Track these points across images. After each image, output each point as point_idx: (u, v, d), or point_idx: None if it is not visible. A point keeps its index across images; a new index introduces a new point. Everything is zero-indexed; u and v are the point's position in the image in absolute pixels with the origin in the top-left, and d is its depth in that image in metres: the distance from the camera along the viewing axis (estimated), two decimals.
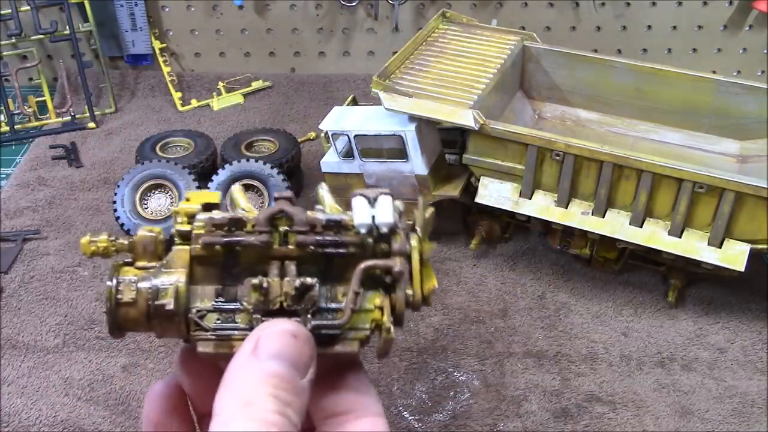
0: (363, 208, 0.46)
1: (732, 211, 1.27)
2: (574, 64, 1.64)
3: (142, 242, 0.47)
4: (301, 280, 0.45)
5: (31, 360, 1.33)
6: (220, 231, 0.46)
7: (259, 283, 0.45)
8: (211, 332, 0.46)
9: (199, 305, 0.47)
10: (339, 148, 1.52)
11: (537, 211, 1.43)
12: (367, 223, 0.46)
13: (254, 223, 0.46)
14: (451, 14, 1.72)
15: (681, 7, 2.19)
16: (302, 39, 2.21)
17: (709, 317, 1.45)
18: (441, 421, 1.24)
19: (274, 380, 0.43)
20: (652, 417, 1.25)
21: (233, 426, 0.41)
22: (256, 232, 0.46)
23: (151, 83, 2.15)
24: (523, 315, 1.45)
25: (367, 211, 0.46)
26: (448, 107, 1.40)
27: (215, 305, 0.47)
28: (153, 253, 0.47)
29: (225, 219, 0.46)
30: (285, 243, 0.47)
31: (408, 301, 0.48)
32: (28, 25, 1.93)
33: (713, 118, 1.57)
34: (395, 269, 0.46)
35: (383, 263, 0.46)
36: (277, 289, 0.45)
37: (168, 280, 0.46)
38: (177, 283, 0.46)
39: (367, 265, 0.46)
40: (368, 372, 0.57)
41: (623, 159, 1.32)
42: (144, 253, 0.47)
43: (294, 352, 0.44)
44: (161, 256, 0.48)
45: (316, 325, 0.46)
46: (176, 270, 0.46)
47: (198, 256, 0.47)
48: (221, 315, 0.47)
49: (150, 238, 0.47)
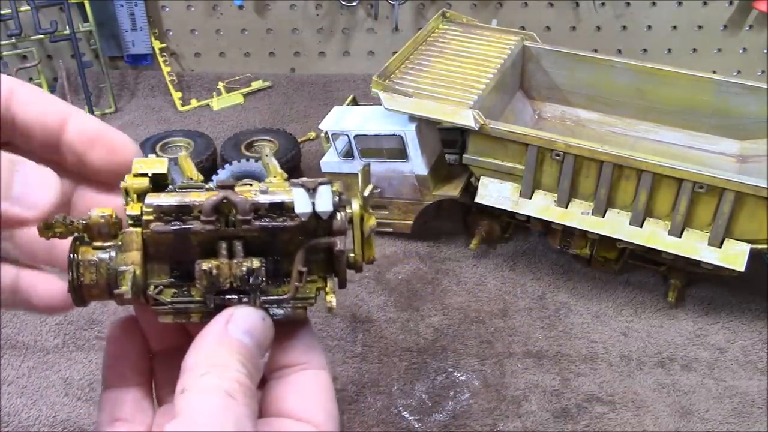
0: (303, 198, 0.49)
1: (732, 211, 1.27)
2: (574, 64, 1.64)
3: (96, 226, 0.50)
4: (247, 265, 0.49)
5: (31, 360, 1.33)
6: (168, 217, 0.49)
7: (209, 270, 0.49)
8: (168, 306, 0.50)
9: (156, 281, 0.50)
10: (339, 148, 1.52)
11: (537, 211, 1.43)
12: (308, 212, 0.49)
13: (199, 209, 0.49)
14: (451, 14, 1.72)
15: (681, 7, 2.19)
16: (302, 39, 2.21)
17: (709, 317, 1.45)
18: (441, 421, 1.24)
19: (242, 351, 0.47)
20: (652, 417, 1.25)
21: (205, 380, 0.45)
22: (204, 221, 0.49)
23: (151, 83, 2.15)
24: (523, 315, 1.45)
25: (308, 200, 0.49)
26: (448, 107, 1.40)
27: (171, 281, 0.50)
28: (108, 234, 0.50)
29: (172, 207, 0.49)
30: (232, 225, 0.50)
31: (350, 264, 0.52)
32: (28, 25, 1.93)
33: (713, 118, 1.57)
34: (336, 248, 0.50)
35: (325, 241, 0.50)
36: (226, 272, 0.49)
37: (124, 266, 0.49)
38: (133, 268, 0.49)
39: (310, 245, 0.50)
40: (368, 372, 0.57)
41: (623, 159, 1.32)
42: (99, 234, 0.50)
43: (261, 332, 0.49)
44: (116, 234, 0.51)
45: (265, 301, 0.50)
46: (131, 252, 0.50)
47: (151, 238, 0.50)
48: (177, 289, 0.50)
49: (104, 220, 0.50)
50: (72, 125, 0.53)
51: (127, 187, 0.50)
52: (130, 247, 0.50)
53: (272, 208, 0.49)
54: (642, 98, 1.62)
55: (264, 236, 0.50)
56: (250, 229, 0.49)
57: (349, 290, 1.48)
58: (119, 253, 0.50)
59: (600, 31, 2.23)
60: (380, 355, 1.35)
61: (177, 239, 0.50)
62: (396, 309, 1.45)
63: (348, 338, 1.39)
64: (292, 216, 0.49)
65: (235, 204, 0.49)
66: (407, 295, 1.49)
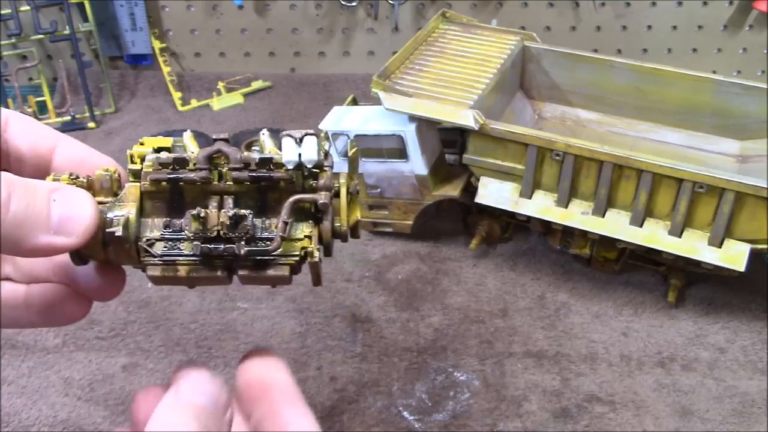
0: (290, 146, 0.52)
1: (732, 211, 1.27)
2: (574, 64, 1.64)
3: (99, 180, 0.53)
4: (235, 210, 0.51)
5: (31, 360, 1.33)
6: (165, 169, 0.52)
7: (198, 214, 0.51)
8: (158, 258, 0.52)
9: (148, 235, 0.52)
10: (339, 148, 1.52)
11: (537, 211, 1.43)
12: (294, 160, 0.52)
13: (195, 162, 0.52)
14: (451, 14, 1.72)
15: (681, 7, 2.19)
16: (302, 39, 2.21)
17: (709, 317, 1.45)
18: (441, 421, 1.24)
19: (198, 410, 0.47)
20: (652, 417, 1.25)
21: None
22: (197, 170, 0.52)
23: (151, 83, 2.15)
24: (523, 315, 1.45)
25: (295, 149, 0.52)
26: (448, 107, 1.40)
27: (163, 235, 0.52)
28: (109, 190, 0.53)
29: (170, 158, 0.52)
30: (223, 180, 0.53)
31: (335, 231, 0.54)
32: (28, 25, 1.93)
33: (713, 118, 1.57)
34: (320, 201, 0.52)
35: (310, 197, 0.52)
36: (214, 219, 0.51)
37: (120, 212, 0.52)
38: (128, 214, 0.52)
39: (296, 198, 0.52)
40: (368, 372, 0.57)
41: (623, 159, 1.32)
42: (101, 189, 0.53)
43: (214, 389, 0.49)
44: (116, 192, 0.53)
45: (250, 251, 0.52)
46: (128, 203, 0.52)
47: (147, 191, 0.52)
48: (168, 243, 0.52)
49: (107, 176, 0.53)
50: (60, 151, 0.55)
51: (132, 153, 0.54)
52: (128, 199, 0.52)
53: (262, 162, 0.52)
54: (642, 98, 1.62)
55: (253, 194, 0.53)
56: (239, 179, 0.52)
57: (349, 290, 1.48)
58: (117, 206, 0.52)
59: (600, 31, 2.23)
60: (380, 355, 1.36)
61: (171, 193, 0.52)
62: (396, 309, 1.45)
63: (348, 338, 1.39)
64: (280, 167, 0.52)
65: (227, 154, 0.52)
66: (407, 295, 1.49)
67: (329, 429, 1.22)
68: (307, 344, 1.37)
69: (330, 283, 1.49)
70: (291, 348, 1.36)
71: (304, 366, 1.33)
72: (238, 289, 1.46)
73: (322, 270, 0.54)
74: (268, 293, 1.46)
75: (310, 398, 1.27)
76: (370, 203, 1.57)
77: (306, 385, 1.29)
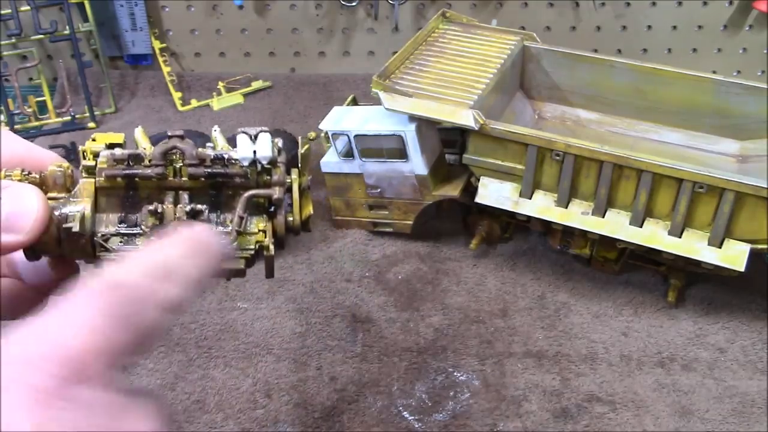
0: (245, 143, 0.53)
1: (732, 211, 1.27)
2: (574, 64, 1.64)
3: (52, 176, 0.53)
4: (192, 205, 0.52)
5: None
6: (120, 165, 0.52)
7: (155, 209, 0.52)
8: (114, 253, 0.53)
9: (103, 230, 0.53)
10: (339, 148, 1.52)
11: (537, 211, 1.43)
12: (249, 156, 0.53)
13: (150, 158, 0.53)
14: (451, 14, 1.72)
15: (681, 7, 2.19)
16: (302, 39, 2.21)
17: (709, 317, 1.45)
18: (441, 421, 1.24)
19: None
20: (652, 417, 1.25)
21: None
22: (153, 166, 0.52)
23: (151, 83, 2.15)
24: (523, 315, 1.45)
25: (249, 146, 0.53)
26: (448, 107, 1.40)
27: (118, 230, 0.53)
28: (63, 186, 0.53)
29: (125, 155, 0.53)
30: (179, 176, 0.53)
31: (288, 226, 0.56)
32: (28, 25, 1.93)
33: (713, 118, 1.57)
34: (275, 196, 0.54)
35: (265, 192, 0.54)
36: (171, 214, 0.52)
37: (75, 208, 0.52)
38: (83, 209, 0.52)
39: (251, 193, 0.54)
40: (368, 372, 0.56)
41: (623, 159, 1.32)
42: (54, 185, 0.53)
43: None
44: (70, 188, 0.53)
45: None
46: (83, 199, 0.52)
47: (102, 187, 0.53)
48: (123, 238, 0.53)
49: (60, 172, 0.53)
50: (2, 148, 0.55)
51: (85, 149, 0.54)
52: (83, 195, 0.53)
53: (217, 160, 0.53)
54: (642, 98, 1.62)
55: (208, 189, 0.54)
56: (195, 175, 0.53)
57: (349, 290, 1.48)
58: (71, 202, 0.52)
59: (600, 31, 2.23)
60: (380, 355, 1.35)
61: (126, 189, 0.53)
62: (396, 309, 1.45)
63: (348, 338, 1.39)
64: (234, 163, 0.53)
65: (182, 150, 0.53)
66: (407, 295, 1.49)
67: (329, 429, 1.22)
68: (307, 344, 1.37)
69: (330, 283, 1.49)
70: (291, 348, 1.36)
71: (304, 366, 1.33)
72: (238, 289, 1.46)
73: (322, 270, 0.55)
74: (268, 293, 1.46)
75: (310, 398, 1.27)
76: (370, 203, 1.57)
77: (306, 385, 1.29)
